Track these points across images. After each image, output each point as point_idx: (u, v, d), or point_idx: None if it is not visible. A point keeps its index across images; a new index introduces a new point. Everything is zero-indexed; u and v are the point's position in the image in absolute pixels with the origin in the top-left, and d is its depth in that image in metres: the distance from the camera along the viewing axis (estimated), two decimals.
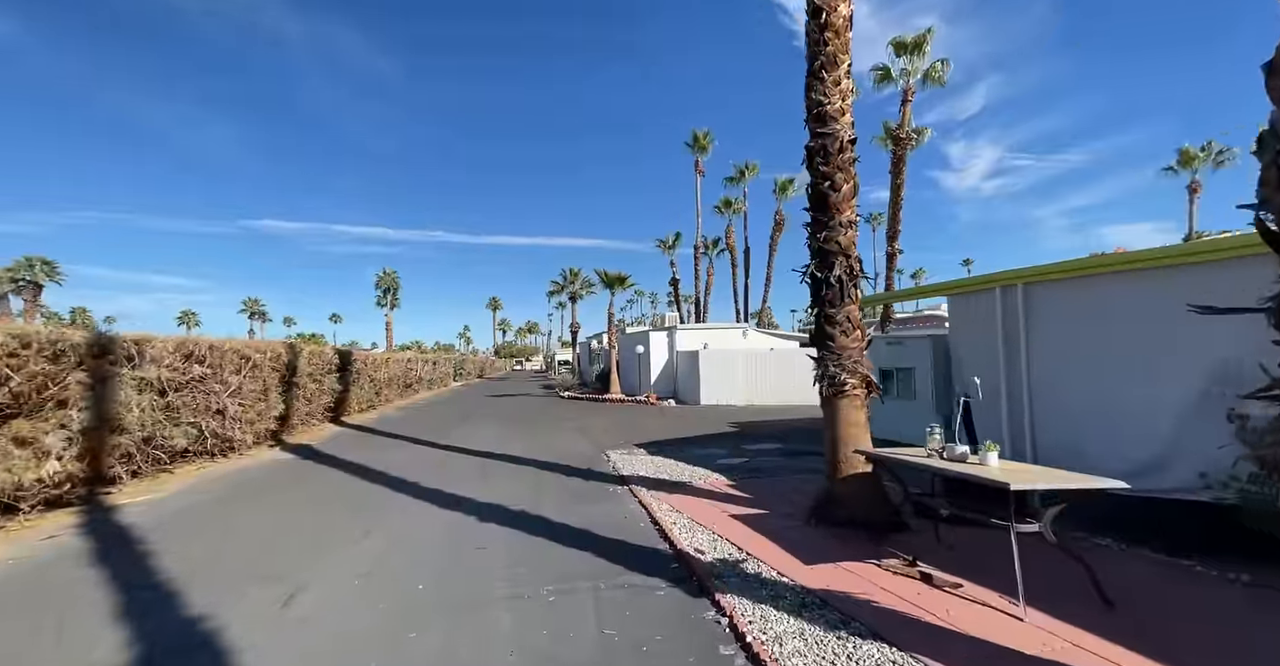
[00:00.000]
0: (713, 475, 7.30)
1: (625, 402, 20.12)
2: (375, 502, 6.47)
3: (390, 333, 60.54)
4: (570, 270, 46.59)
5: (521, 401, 22.96)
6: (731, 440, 10.62)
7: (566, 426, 13.86)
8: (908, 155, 22.32)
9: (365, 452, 10.16)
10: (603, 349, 27.99)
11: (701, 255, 36.49)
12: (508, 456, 9.48)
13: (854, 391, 4.76)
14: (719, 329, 21.63)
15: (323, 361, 13.67)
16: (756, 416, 14.79)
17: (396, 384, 22.29)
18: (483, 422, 15.06)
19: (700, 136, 34.71)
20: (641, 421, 14.71)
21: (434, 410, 19.59)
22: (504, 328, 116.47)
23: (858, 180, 4.92)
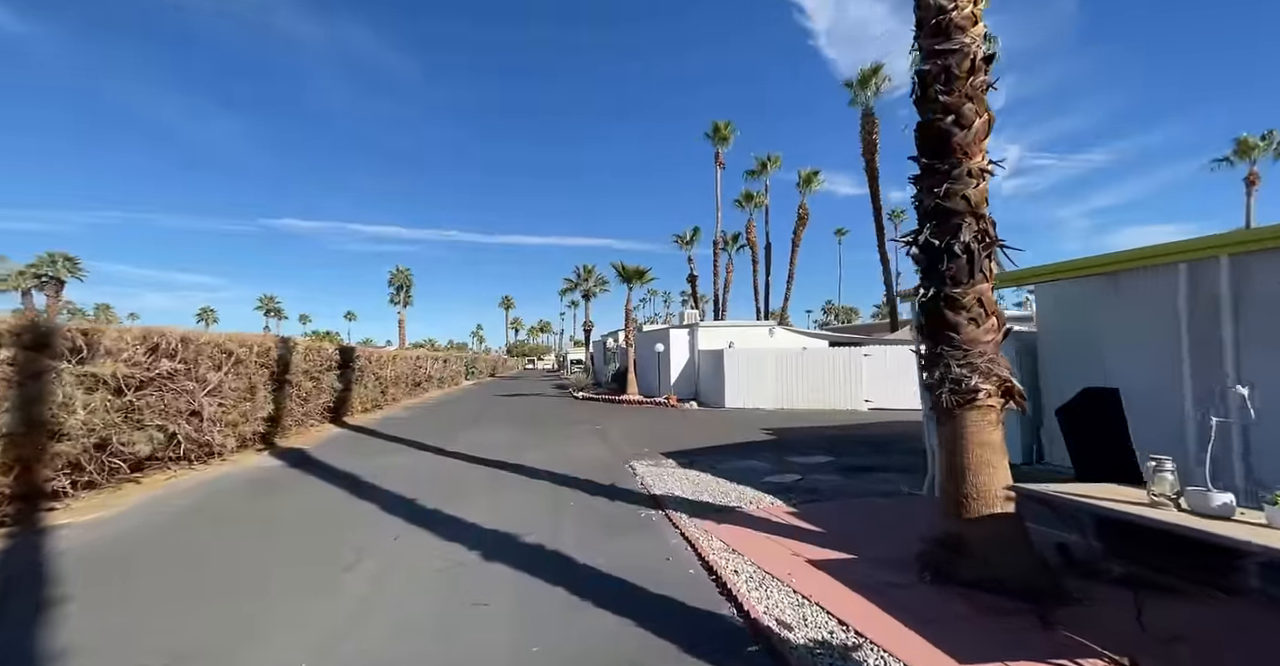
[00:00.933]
0: (764, 497, 6.06)
1: (643, 404, 18.94)
2: (359, 529, 5.34)
3: (403, 330, 60.05)
4: (584, 267, 45.51)
5: (534, 402, 21.89)
6: (771, 451, 9.36)
7: (583, 430, 12.71)
8: None
9: (362, 459, 9.10)
10: (619, 347, 26.82)
11: (721, 251, 35.19)
12: (520, 466, 8.33)
13: (988, 401, 3.50)
14: (744, 327, 20.34)
15: (321, 358, 12.68)
16: (791, 422, 13.48)
17: (404, 382, 21.36)
18: (493, 425, 13.97)
19: (721, 127, 33.37)
20: (664, 426, 13.49)
21: (443, 410, 18.58)
22: (516, 326, 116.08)
23: (993, 114, 3.65)
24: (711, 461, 8.39)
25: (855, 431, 11.64)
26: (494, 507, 5.99)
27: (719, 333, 19.90)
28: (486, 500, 6.38)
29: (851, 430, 11.84)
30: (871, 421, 13.27)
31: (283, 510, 6.09)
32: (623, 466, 8.26)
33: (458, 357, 34.25)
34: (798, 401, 16.57)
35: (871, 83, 23.23)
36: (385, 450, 10.22)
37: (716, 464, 8.16)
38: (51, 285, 45.51)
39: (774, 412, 15.77)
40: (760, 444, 10.19)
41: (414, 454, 9.77)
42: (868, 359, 15.99)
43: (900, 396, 15.63)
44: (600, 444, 10.67)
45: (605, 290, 46.26)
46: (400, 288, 59.99)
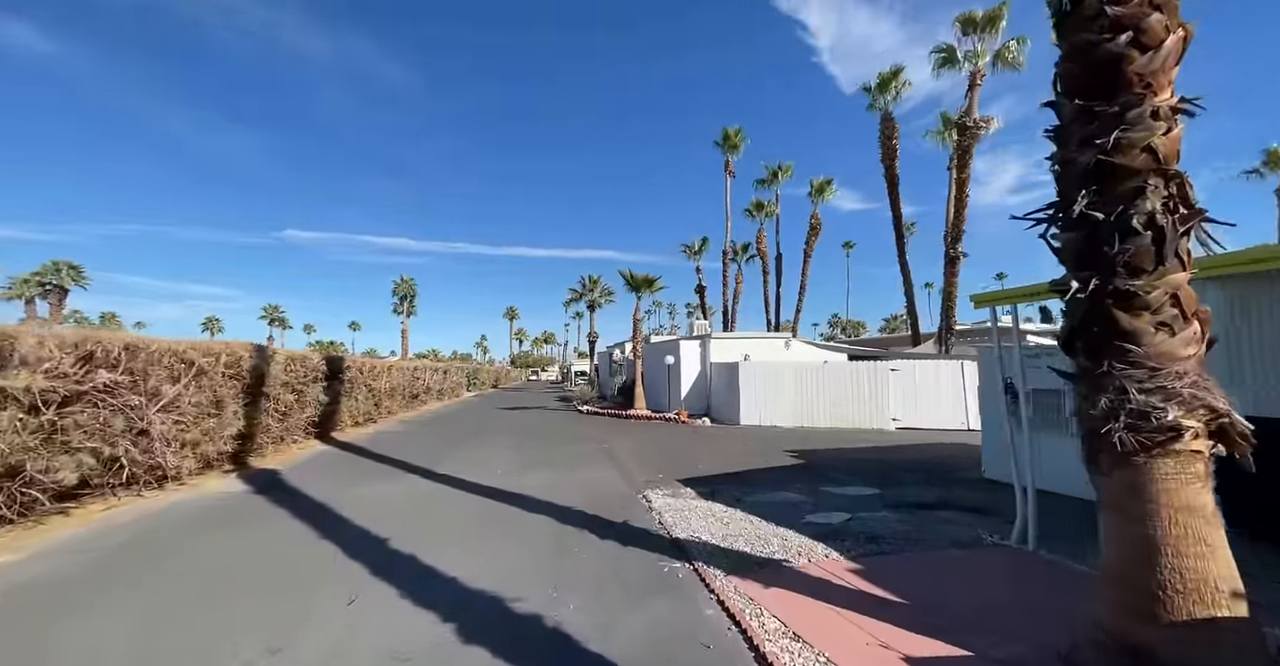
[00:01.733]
0: (812, 544, 4.92)
1: (652, 420, 17.80)
2: (309, 586, 4.25)
3: (406, 340, 59.31)
4: (589, 277, 44.69)
5: (537, 416, 20.77)
6: (803, 478, 8.21)
7: (589, 450, 11.58)
8: (975, 147, 19.85)
9: (339, 485, 8.02)
10: (626, 359, 25.74)
11: (730, 261, 34.26)
12: (518, 496, 7.23)
13: (1192, 443, 2.40)
14: (759, 338, 19.26)
15: (306, 369, 11.67)
16: (815, 443, 12.31)
17: (401, 395, 20.32)
18: (492, 442, 12.87)
19: (731, 134, 32.66)
20: (677, 445, 12.35)
21: (440, 425, 17.49)
22: (520, 337, 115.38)
23: (1190, 28, 2.58)
24: (737, 492, 7.25)
25: (892, 455, 10.45)
26: (482, 554, 4.89)
27: (732, 344, 18.81)
28: (474, 543, 5.28)
29: (888, 453, 10.66)
30: (905, 443, 12.08)
31: (223, 556, 5.00)
32: (635, 497, 7.13)
33: (458, 368, 33.24)
34: (818, 419, 15.39)
35: (891, 86, 22.42)
36: (369, 473, 9.14)
37: (744, 496, 7.02)
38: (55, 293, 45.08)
39: (793, 431, 14.59)
40: (788, 470, 9.04)
41: (399, 478, 8.67)
42: (895, 374, 14.84)
43: (930, 415, 14.45)
44: (608, 466, 9.55)
45: (611, 300, 45.39)
46: (404, 297, 59.43)
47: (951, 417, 14.28)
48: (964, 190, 20.04)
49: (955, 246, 20.47)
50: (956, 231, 20.36)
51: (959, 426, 14.16)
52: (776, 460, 10.00)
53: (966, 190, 20.01)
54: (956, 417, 14.24)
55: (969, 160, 19.77)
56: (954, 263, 20.61)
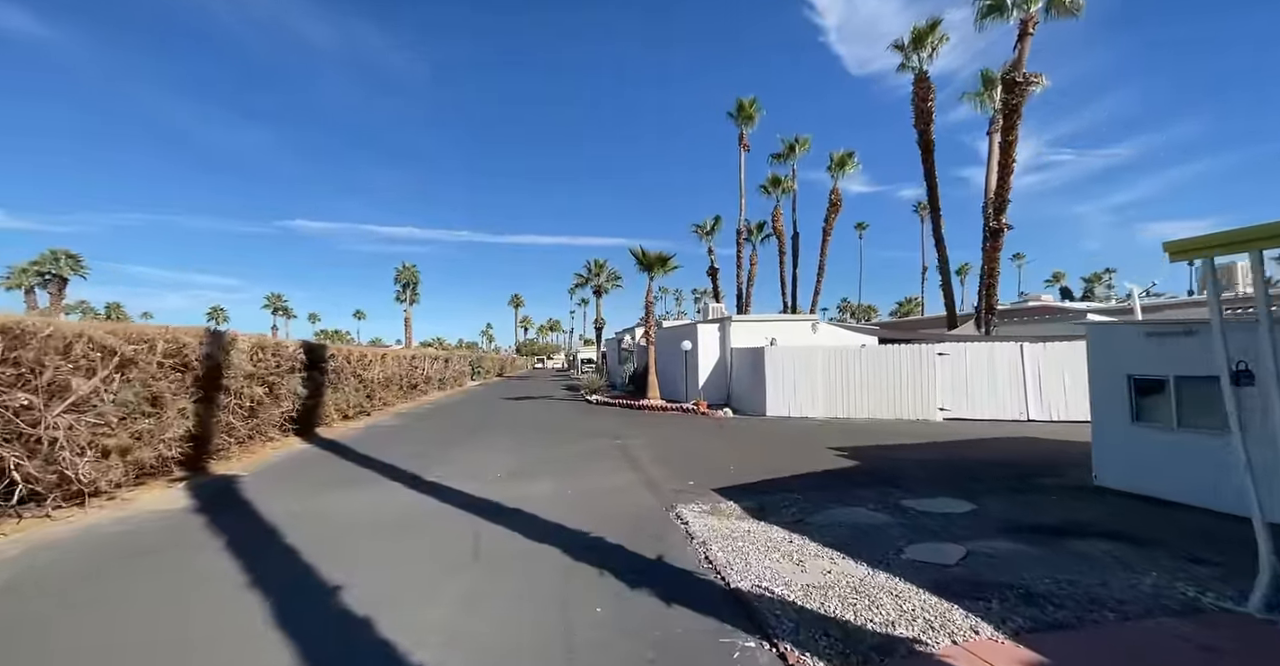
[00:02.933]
0: (943, 604, 3.40)
1: (667, 411, 16.33)
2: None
3: (409, 328, 58.23)
4: (595, 261, 43.14)
5: (543, 406, 19.38)
6: (868, 486, 6.69)
7: (602, 447, 10.13)
8: (1023, 105, 17.89)
9: (304, 497, 6.62)
10: (637, 345, 24.23)
11: (744, 242, 32.44)
12: (517, 513, 5.78)
13: None
14: (783, 322, 17.67)
15: (280, 358, 10.24)
16: (859, 438, 10.80)
17: (398, 385, 18.96)
18: (493, 439, 11.45)
19: (746, 104, 30.61)
20: (701, 442, 10.87)
21: (438, 417, 16.12)
22: (526, 325, 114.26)
23: None
24: (794, 507, 5.76)
25: (959, 453, 8.91)
26: (462, 617, 3.43)
27: (754, 328, 17.23)
28: (455, 591, 3.83)
29: (951, 451, 9.12)
30: (963, 436, 10.53)
31: (105, 617, 3.56)
32: (666, 514, 5.66)
33: (461, 357, 31.88)
34: (854, 409, 13.86)
35: (927, 42, 20.36)
36: (345, 479, 7.72)
37: (806, 514, 5.52)
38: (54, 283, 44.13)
39: (828, 423, 13.08)
40: (844, 475, 7.53)
41: (378, 487, 7.25)
42: (943, 359, 13.23)
43: (983, 404, 12.87)
44: (627, 469, 8.08)
45: (618, 285, 43.76)
46: (407, 285, 58.13)
47: (1008, 406, 12.69)
48: (1010, 154, 18.12)
49: (999, 217, 18.62)
50: (1001, 200, 18.50)
51: (1016, 416, 12.58)
52: (824, 461, 8.50)
53: (1013, 154, 18.08)
54: (1013, 406, 12.66)
55: (1017, 120, 17.81)
56: (997, 235, 18.79)
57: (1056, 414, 12.28)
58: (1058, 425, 11.90)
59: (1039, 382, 12.48)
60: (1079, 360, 12.44)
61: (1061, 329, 17.96)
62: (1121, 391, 6.20)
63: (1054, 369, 12.40)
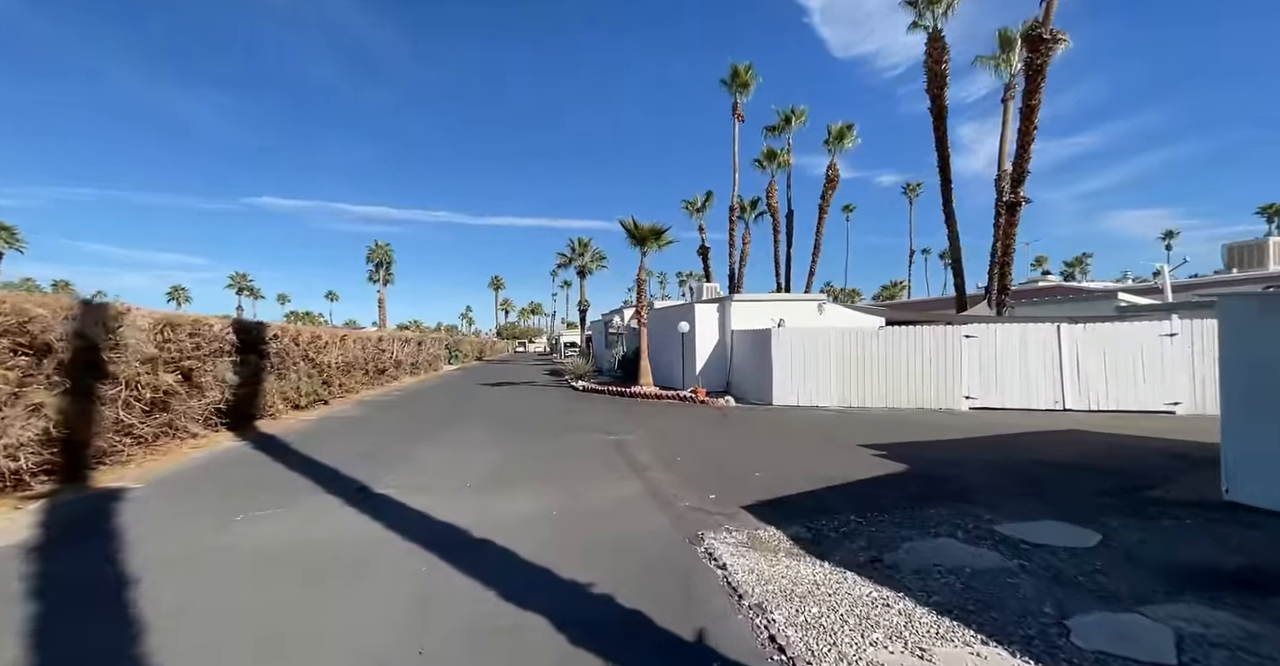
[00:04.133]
0: None
1: (662, 399, 14.86)
2: None
3: (383, 309, 55.59)
4: (579, 240, 41.14)
5: (524, 393, 17.74)
6: (936, 500, 5.28)
7: (594, 445, 8.60)
8: (1048, 66, 16.45)
9: (201, 522, 4.96)
10: (627, 328, 22.62)
11: (737, 219, 30.89)
12: (489, 548, 4.23)
13: None
14: (787, 301, 16.23)
15: (205, 338, 8.39)
16: (888, 432, 9.47)
17: (362, 370, 17.11)
18: (465, 433, 9.82)
19: (741, 71, 28.71)
20: (709, 438, 9.41)
21: (406, 406, 14.38)
22: (506, 308, 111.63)
23: None
24: (860, 537, 4.32)
25: (1019, 450, 7.57)
26: None
27: (757, 308, 15.75)
28: None
29: (1006, 448, 7.79)
30: (1008, 429, 9.25)
31: None
32: (691, 549, 4.17)
33: (436, 339, 29.88)
34: (870, 397, 12.56)
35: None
36: (266, 492, 6.03)
37: (882, 549, 4.08)
38: None
39: (845, 414, 11.75)
40: (897, 482, 6.12)
41: (309, 503, 5.59)
42: (970, 341, 11.95)
43: (1014, 392, 11.66)
44: (627, 475, 6.56)
45: (603, 267, 41.88)
46: (380, 264, 55.32)
47: (1041, 394, 11.50)
48: (1032, 120, 16.75)
49: (1017, 190, 17.35)
50: (1020, 171, 17.19)
51: (1050, 405, 11.40)
52: (862, 462, 7.10)
53: (1035, 120, 16.71)
54: (1046, 394, 11.47)
55: (1041, 82, 16.40)
56: (1014, 209, 17.54)
57: (1096, 402, 11.13)
58: (1099, 416, 10.74)
59: (1076, 368, 11.29)
60: (1122, 343, 11.34)
61: (1079, 309, 16.92)
62: (1272, 377, 4.85)
63: (1093, 352, 11.21)
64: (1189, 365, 10.58)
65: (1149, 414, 10.70)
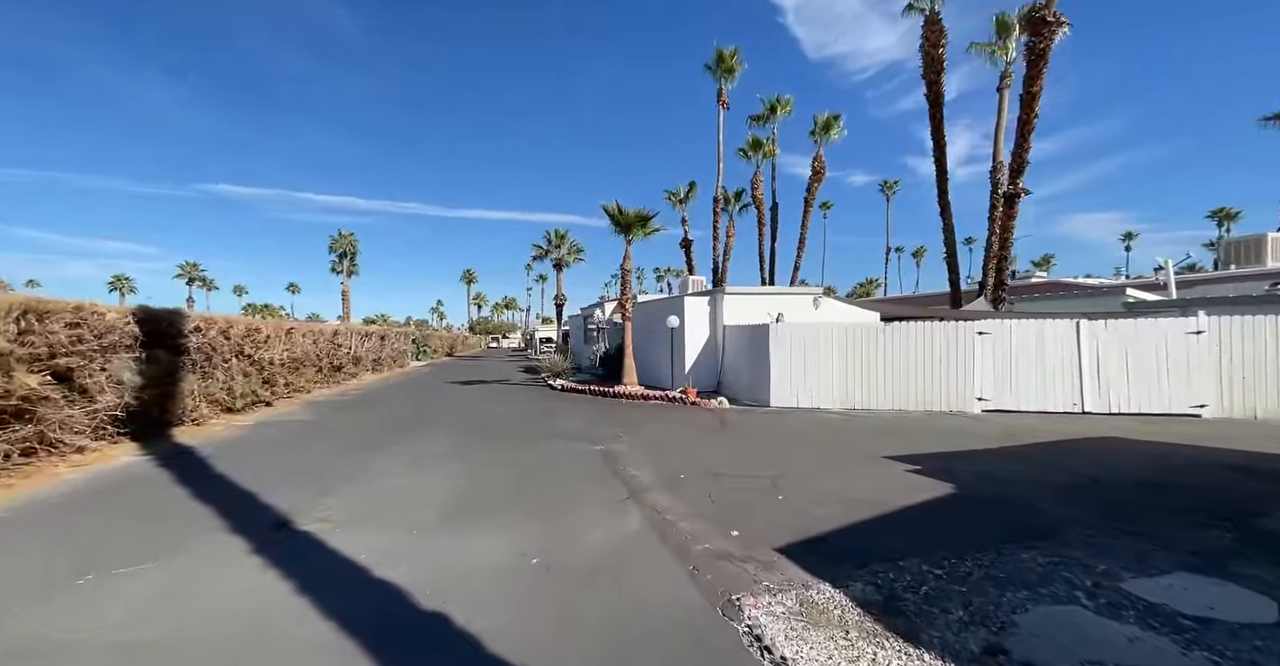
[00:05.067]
0: None
1: (649, 400, 13.65)
2: None
3: (347, 302, 52.90)
4: (555, 232, 39.54)
5: (497, 393, 16.28)
6: (1025, 544, 4.19)
7: (579, 458, 7.31)
8: (1050, 52, 15.77)
9: (22, 589, 3.48)
10: (609, 322, 21.30)
11: (721, 211, 29.84)
12: (441, 627, 2.91)
13: None
14: (782, 295, 15.17)
15: (93, 329, 6.75)
16: (906, 439, 8.48)
17: (314, 367, 15.36)
18: (426, 443, 8.40)
19: (726, 56, 27.57)
20: (711, 448, 8.23)
21: (362, 409, 12.78)
22: (479, 302, 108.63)
23: None
24: (952, 601, 3.17)
25: (1069, 463, 6.60)
26: None
27: (750, 302, 14.67)
28: None
29: (1053, 460, 6.83)
30: (1039, 437, 8.35)
31: None
32: (728, 628, 2.96)
33: (401, 333, 27.96)
34: (874, 398, 11.61)
35: None
36: (138, 537, 4.54)
37: (997, 623, 2.93)
38: None
39: (851, 418, 10.75)
40: (952, 509, 5.04)
41: (197, 552, 4.15)
42: (984, 338, 11.08)
43: (1030, 393, 10.85)
44: (626, 504, 5.31)
45: (580, 259, 40.42)
46: (344, 255, 52.54)
47: (1058, 396, 10.72)
48: (1033, 108, 16.10)
49: (1016, 181, 16.71)
50: (1019, 162, 16.55)
51: (1068, 407, 10.63)
52: (895, 480, 6.02)
53: (1036, 108, 16.07)
54: (1064, 396, 10.69)
55: (1043, 67, 15.73)
56: (1012, 202, 16.90)
57: (1117, 405, 10.40)
58: (1123, 419, 10.01)
59: (1096, 367, 10.54)
60: (1144, 341, 10.55)
61: (1084, 305, 16.37)
62: None
63: (1114, 351, 10.47)
64: (1215, 365, 9.92)
65: (1173, 417, 10.01)
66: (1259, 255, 16.88)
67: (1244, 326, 9.78)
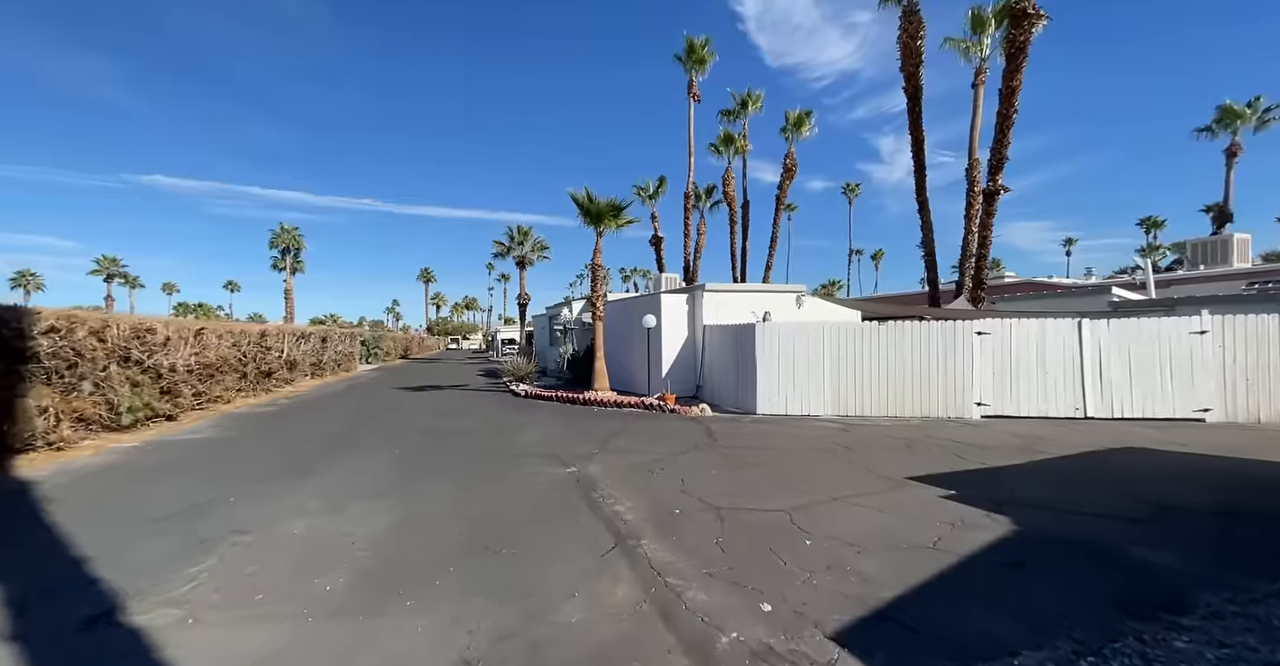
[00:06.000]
0: None
1: (625, 407, 12.35)
2: None
3: (290, 301, 49.26)
4: (518, 228, 37.68)
5: (452, 401, 14.62)
6: (1147, 615, 3.16)
7: (549, 487, 5.95)
8: (1030, 44, 15.45)
9: None
10: (577, 322, 19.85)
11: (692, 207, 28.89)
12: None
13: None
14: (763, 293, 14.18)
15: None
16: (922, 454, 7.54)
17: (236, 372, 13.31)
18: (358, 469, 6.83)
19: (697, 46, 26.65)
20: (706, 472, 7.01)
21: (286, 423, 10.93)
22: (438, 303, 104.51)
23: None
24: None
25: (1118, 479, 5.72)
26: None
27: (732, 300, 13.62)
28: None
29: (1092, 474, 5.95)
30: (1067, 447, 7.55)
31: None
32: None
33: (348, 335, 25.60)
34: (868, 404, 10.72)
35: None
36: None
37: None
38: None
39: (847, 427, 9.79)
40: (1015, 554, 3.98)
41: None
42: (983, 339, 10.35)
43: (1031, 398, 10.19)
44: (612, 559, 4.00)
45: (545, 258, 38.63)
46: (286, 251, 48.91)
47: (1059, 400, 10.08)
48: (1012, 103, 15.75)
49: (995, 178, 16.34)
50: (998, 158, 16.19)
51: (1069, 412, 10.01)
52: (933, 512, 4.97)
53: (1015, 102, 15.72)
54: (1065, 400, 10.07)
55: (1023, 61, 15.39)
56: (991, 199, 16.54)
57: (1120, 409, 9.84)
58: (1127, 425, 9.43)
59: (1098, 369, 9.96)
60: (1146, 342, 9.64)
61: (1067, 305, 16.08)
62: None
63: (1117, 353, 9.91)
64: (1220, 367, 9.47)
65: (1177, 422, 9.51)
66: (1225, 256, 17.22)
67: (1248, 326, 9.37)
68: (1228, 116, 32.24)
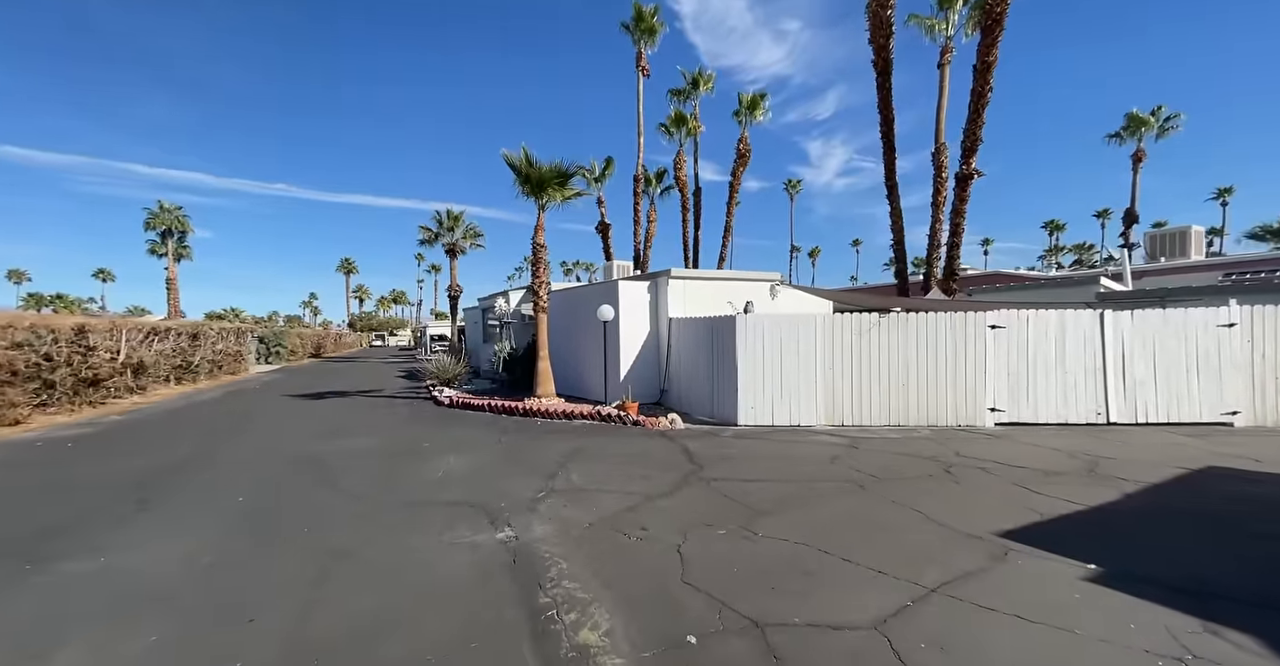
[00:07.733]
0: None
1: (576, 418, 9.98)
2: None
3: (174, 292, 42.55)
4: (449, 212, 34.04)
5: (354, 413, 11.63)
6: None
7: (465, 578, 3.55)
8: (1005, 18, 14.44)
9: None
10: (515, 314, 17.09)
11: (642, 193, 26.72)
12: None
13: None
14: (735, 281, 12.23)
15: None
16: (965, 482, 5.81)
17: (38, 380, 9.67)
18: (167, 541, 4.07)
19: (646, 14, 24.43)
20: (713, 530, 4.84)
21: (104, 451, 7.68)
22: (361, 296, 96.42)
23: None
24: None
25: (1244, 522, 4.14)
26: None
27: (700, 289, 11.58)
28: None
29: (1203, 510, 4.32)
30: (1146, 469, 6.04)
31: None
32: None
33: (234, 331, 21.28)
34: (868, 412, 9.02)
35: None
36: None
37: None
38: None
39: (852, 442, 7.99)
40: None
41: None
42: (997, 333, 8.90)
43: (1049, 402, 8.84)
44: None
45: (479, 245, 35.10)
46: (168, 234, 42.10)
47: (1078, 404, 8.81)
48: (987, 81, 14.74)
49: (969, 162, 15.32)
50: (972, 140, 15.16)
51: (1090, 418, 8.76)
52: (1087, 618, 3.07)
53: (990, 80, 14.72)
54: (1085, 404, 8.81)
55: (999, 34, 14.36)
56: (964, 184, 15.51)
57: (1145, 414, 8.69)
58: (1161, 432, 8.26)
59: (1122, 368, 8.77)
60: (1171, 336, 8.29)
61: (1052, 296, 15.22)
62: None
63: (1142, 348, 8.75)
64: (1248, 364, 8.51)
65: (1205, 427, 8.47)
66: (1184, 248, 17.38)
67: (1279, 318, 8.45)
68: (1134, 124, 34.13)
